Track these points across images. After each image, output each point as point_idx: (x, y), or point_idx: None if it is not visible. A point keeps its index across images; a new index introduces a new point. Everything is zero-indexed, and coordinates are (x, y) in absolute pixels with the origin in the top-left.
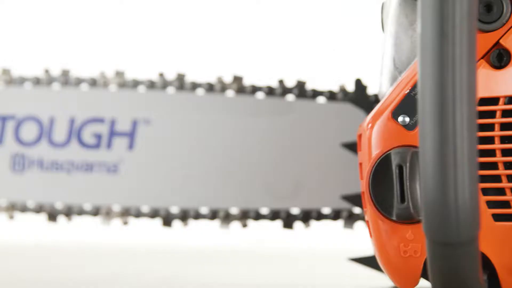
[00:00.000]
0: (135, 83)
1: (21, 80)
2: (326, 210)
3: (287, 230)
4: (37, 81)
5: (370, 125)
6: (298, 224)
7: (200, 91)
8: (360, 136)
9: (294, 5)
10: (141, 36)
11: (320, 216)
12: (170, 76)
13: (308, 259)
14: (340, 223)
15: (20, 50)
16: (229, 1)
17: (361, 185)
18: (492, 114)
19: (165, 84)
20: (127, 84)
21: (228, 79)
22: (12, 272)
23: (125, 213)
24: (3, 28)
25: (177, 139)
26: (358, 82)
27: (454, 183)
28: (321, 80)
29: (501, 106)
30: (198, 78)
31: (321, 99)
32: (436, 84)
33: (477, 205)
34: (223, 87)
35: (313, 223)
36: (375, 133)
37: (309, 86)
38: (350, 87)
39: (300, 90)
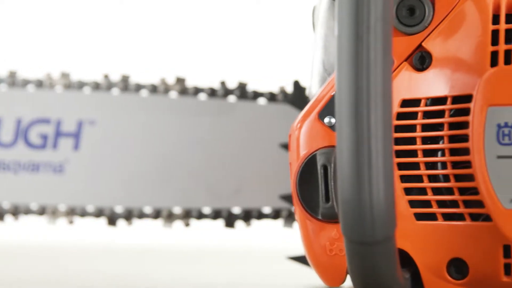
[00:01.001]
0: (81, 85)
1: None
2: (266, 210)
3: (229, 229)
4: None
5: (299, 125)
6: (239, 223)
7: (144, 92)
8: (290, 136)
9: (236, 7)
10: (87, 38)
11: (260, 216)
12: (115, 77)
13: (249, 257)
14: (280, 222)
15: None
16: (173, 3)
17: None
18: (414, 116)
19: (110, 86)
20: (72, 86)
21: (171, 80)
22: None
23: (71, 212)
24: None
25: (121, 140)
26: (296, 84)
27: (369, 183)
28: (262, 81)
29: (422, 108)
30: (142, 80)
31: (261, 101)
32: (351, 86)
33: (393, 204)
34: (166, 89)
35: (254, 222)
36: (302, 134)
37: (250, 88)
38: (290, 89)
39: (242, 92)
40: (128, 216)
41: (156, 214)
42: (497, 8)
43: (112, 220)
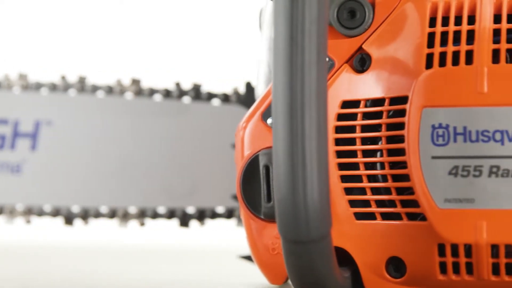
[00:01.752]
0: (38, 86)
1: None
2: (220, 209)
3: (183, 229)
4: None
5: (243, 125)
6: (193, 223)
7: (100, 93)
8: (236, 136)
9: (189, 9)
10: (44, 39)
11: (214, 215)
12: (72, 78)
13: (202, 256)
14: (233, 221)
15: None
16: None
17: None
18: (353, 117)
19: (67, 87)
20: (30, 86)
21: (126, 82)
22: None
23: (28, 212)
24: None
25: (78, 140)
26: (248, 85)
27: (303, 183)
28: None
29: (361, 109)
30: (98, 81)
31: (215, 101)
32: (286, 88)
33: (327, 204)
34: (122, 90)
35: (208, 221)
36: (247, 134)
37: (204, 89)
38: (243, 90)
39: (196, 93)
40: (85, 215)
41: (112, 214)
42: (434, 11)
43: (69, 220)
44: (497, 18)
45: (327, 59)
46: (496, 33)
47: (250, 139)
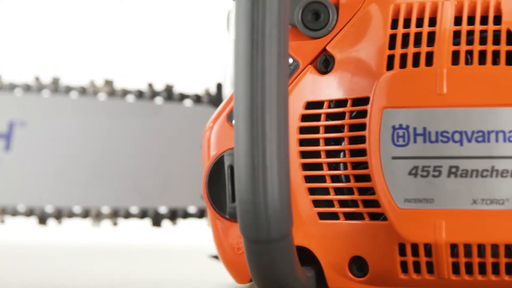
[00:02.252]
0: (12, 86)
1: None
2: (191, 209)
3: (156, 228)
4: None
5: (210, 126)
6: (165, 223)
7: (73, 94)
8: (203, 136)
9: (162, 10)
10: (17, 40)
11: (186, 215)
12: (46, 79)
13: (174, 255)
14: (205, 221)
15: None
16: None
17: None
18: (317, 117)
19: (40, 87)
20: (3, 87)
21: (99, 82)
22: None
23: (2, 212)
24: None
25: (52, 140)
26: (219, 86)
27: (264, 183)
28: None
29: (325, 110)
30: (72, 82)
31: (188, 102)
32: (247, 90)
33: (288, 204)
34: (95, 91)
35: (180, 221)
36: (213, 135)
37: (177, 90)
38: (214, 90)
39: (168, 94)
40: (58, 215)
41: (85, 214)
42: (396, 13)
43: (42, 219)
44: (458, 20)
45: (291, 60)
46: (457, 35)
47: (216, 140)
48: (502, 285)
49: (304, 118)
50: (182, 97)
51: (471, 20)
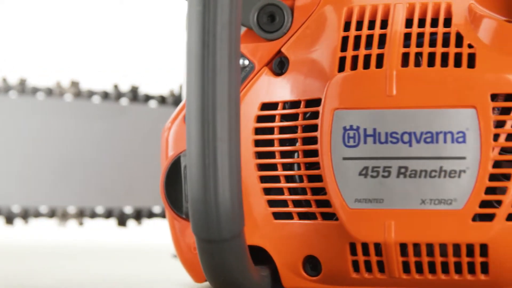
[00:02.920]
0: None
1: None
2: (156, 209)
3: (121, 228)
4: None
5: (168, 126)
6: (131, 222)
7: (40, 95)
8: (161, 137)
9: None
10: None
11: (151, 215)
12: (12, 81)
13: (139, 255)
14: None
15: None
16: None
17: None
18: (272, 118)
19: (7, 88)
20: None
21: (66, 83)
22: None
23: None
24: None
25: (18, 141)
26: (182, 87)
27: (214, 183)
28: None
29: (279, 111)
30: (38, 83)
31: (152, 103)
32: (198, 91)
33: (239, 203)
34: (61, 92)
35: (145, 221)
36: (171, 136)
37: (142, 91)
38: (178, 91)
39: (134, 95)
40: (25, 215)
41: (52, 213)
42: (349, 15)
43: (9, 219)
44: (409, 23)
45: (247, 62)
46: (408, 37)
47: (173, 140)
48: (452, 284)
49: (260, 119)
50: (147, 98)
51: (422, 23)
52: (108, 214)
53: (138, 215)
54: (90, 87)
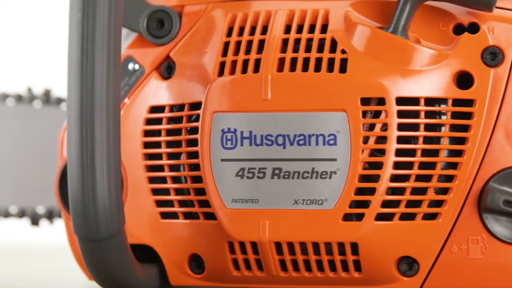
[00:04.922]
0: None
1: None
2: None
3: (34, 227)
4: None
5: (64, 128)
6: (43, 222)
7: None
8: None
9: (41, 14)
10: None
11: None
12: None
13: (52, 254)
14: None
15: None
16: None
17: None
18: (160, 121)
19: None
20: None
21: None
22: None
23: None
24: None
25: None
26: None
27: (92, 184)
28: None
29: (166, 114)
30: None
31: (65, 106)
32: (77, 95)
33: (117, 203)
34: None
35: (57, 220)
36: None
37: (54, 94)
38: None
39: (47, 97)
40: None
41: None
42: (233, 21)
43: None
44: (288, 29)
45: (137, 66)
46: (286, 43)
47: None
48: (328, 281)
49: (148, 121)
50: (60, 101)
51: (301, 29)
52: (21, 214)
53: (51, 215)
54: (4, 90)
